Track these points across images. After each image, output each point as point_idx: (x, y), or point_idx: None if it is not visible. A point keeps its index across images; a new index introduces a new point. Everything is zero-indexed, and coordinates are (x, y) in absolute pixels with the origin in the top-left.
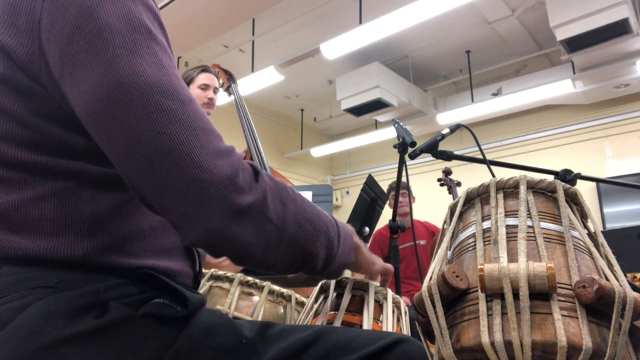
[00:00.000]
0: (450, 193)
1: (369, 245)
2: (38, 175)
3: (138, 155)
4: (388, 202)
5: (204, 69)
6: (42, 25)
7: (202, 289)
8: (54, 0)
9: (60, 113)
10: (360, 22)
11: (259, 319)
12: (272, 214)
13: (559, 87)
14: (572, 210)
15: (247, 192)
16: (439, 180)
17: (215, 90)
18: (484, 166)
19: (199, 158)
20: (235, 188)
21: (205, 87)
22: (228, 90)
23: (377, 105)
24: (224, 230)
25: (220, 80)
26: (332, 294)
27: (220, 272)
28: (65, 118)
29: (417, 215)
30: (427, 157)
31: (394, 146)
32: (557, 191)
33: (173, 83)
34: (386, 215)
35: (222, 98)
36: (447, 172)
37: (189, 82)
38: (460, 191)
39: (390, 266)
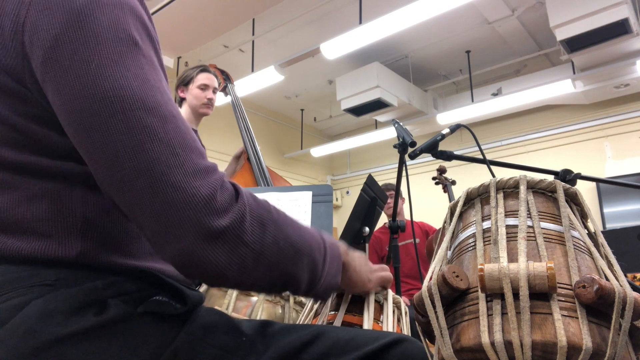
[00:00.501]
0: (445, 192)
1: (369, 243)
2: (28, 176)
3: (115, 170)
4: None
5: (204, 69)
6: (25, 28)
7: (200, 289)
8: (40, 4)
9: (45, 114)
10: (360, 22)
11: (257, 319)
12: (248, 237)
13: (559, 87)
14: (572, 210)
15: (222, 215)
16: (433, 178)
17: (215, 91)
18: (484, 166)
19: (175, 178)
20: (210, 210)
21: (204, 87)
22: (225, 90)
23: (377, 105)
24: (195, 252)
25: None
26: (332, 294)
27: None
28: (51, 119)
29: (416, 216)
30: (427, 157)
31: (394, 146)
32: (557, 191)
33: (157, 99)
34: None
35: (220, 98)
36: (441, 171)
37: (188, 81)
38: (455, 190)
39: (388, 275)
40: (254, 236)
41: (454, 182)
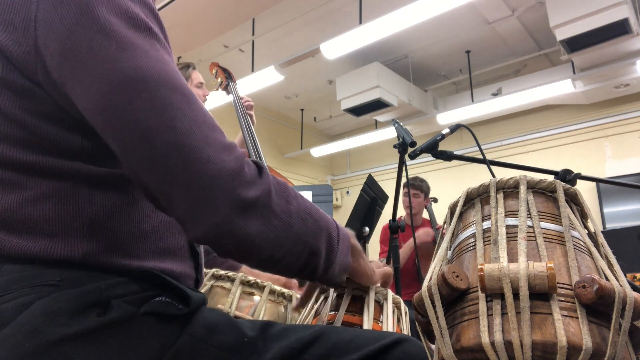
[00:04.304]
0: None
1: (379, 237)
2: (35, 176)
3: (144, 149)
4: (402, 200)
5: (194, 67)
6: (38, 22)
7: (204, 288)
8: None
9: (55, 111)
10: (360, 22)
11: (260, 318)
12: (277, 208)
13: (559, 87)
14: (572, 210)
15: (252, 186)
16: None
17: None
18: (484, 166)
19: (207, 152)
20: (241, 181)
21: (201, 85)
22: (226, 89)
23: (377, 105)
24: (230, 223)
25: (219, 79)
26: (332, 294)
27: (222, 272)
28: (60, 117)
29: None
30: (427, 157)
31: (394, 146)
32: (557, 191)
33: (178, 78)
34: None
35: (222, 98)
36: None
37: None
38: (454, 191)
39: (389, 270)
40: (282, 207)
41: (435, 200)
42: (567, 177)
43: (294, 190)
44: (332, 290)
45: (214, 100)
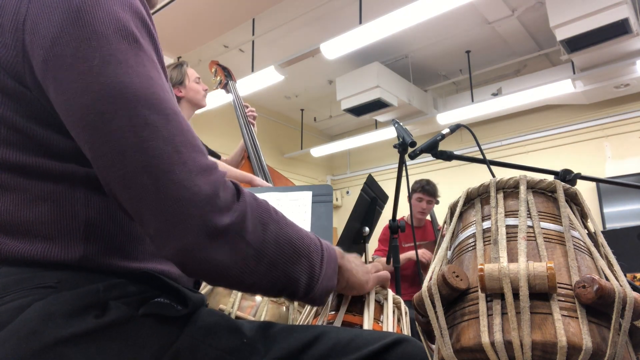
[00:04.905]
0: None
1: (379, 236)
2: (30, 178)
3: (118, 167)
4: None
5: (187, 64)
6: (26, 26)
7: (205, 288)
8: (40, 2)
9: (47, 115)
10: (360, 22)
11: (262, 319)
12: (250, 236)
13: (559, 87)
14: (572, 210)
15: (225, 213)
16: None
17: None
18: (484, 166)
19: (179, 176)
20: (213, 208)
21: (198, 80)
22: (226, 87)
23: (377, 105)
24: (197, 250)
25: (218, 78)
26: (332, 294)
27: None
28: (52, 120)
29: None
30: (427, 157)
31: (394, 146)
32: (557, 191)
33: (159, 96)
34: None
35: (223, 98)
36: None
37: (182, 80)
38: (454, 191)
39: (385, 274)
40: (256, 235)
41: (437, 202)
42: (567, 177)
43: (276, 212)
44: None
45: (214, 100)
